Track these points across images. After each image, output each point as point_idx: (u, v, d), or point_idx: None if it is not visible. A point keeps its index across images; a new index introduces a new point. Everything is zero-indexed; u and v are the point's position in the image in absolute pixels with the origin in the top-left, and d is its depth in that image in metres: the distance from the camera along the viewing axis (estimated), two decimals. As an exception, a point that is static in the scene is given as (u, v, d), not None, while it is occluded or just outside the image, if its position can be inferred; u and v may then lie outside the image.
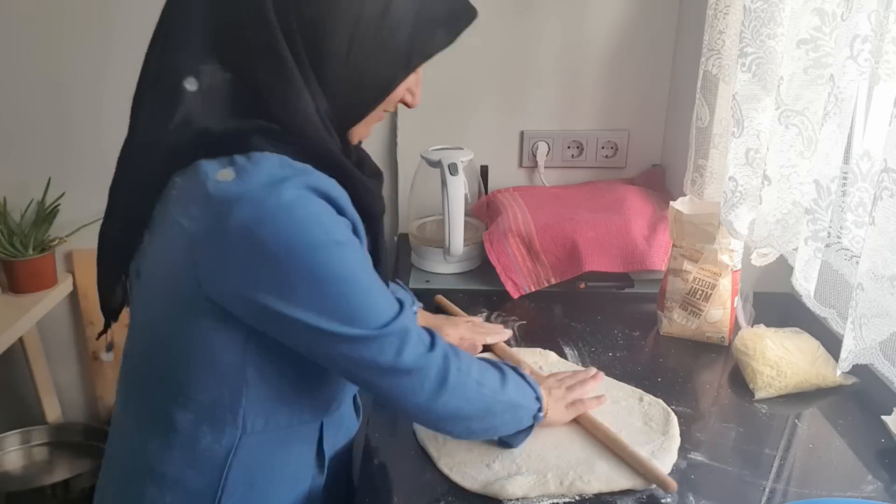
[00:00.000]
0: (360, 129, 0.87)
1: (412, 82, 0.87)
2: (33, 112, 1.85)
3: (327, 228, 0.76)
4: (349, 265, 0.77)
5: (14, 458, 2.01)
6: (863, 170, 0.95)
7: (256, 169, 0.75)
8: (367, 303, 0.79)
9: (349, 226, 0.80)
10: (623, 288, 1.52)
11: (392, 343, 0.80)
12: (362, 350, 0.79)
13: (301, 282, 0.75)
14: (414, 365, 0.82)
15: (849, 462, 1.00)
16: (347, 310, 0.78)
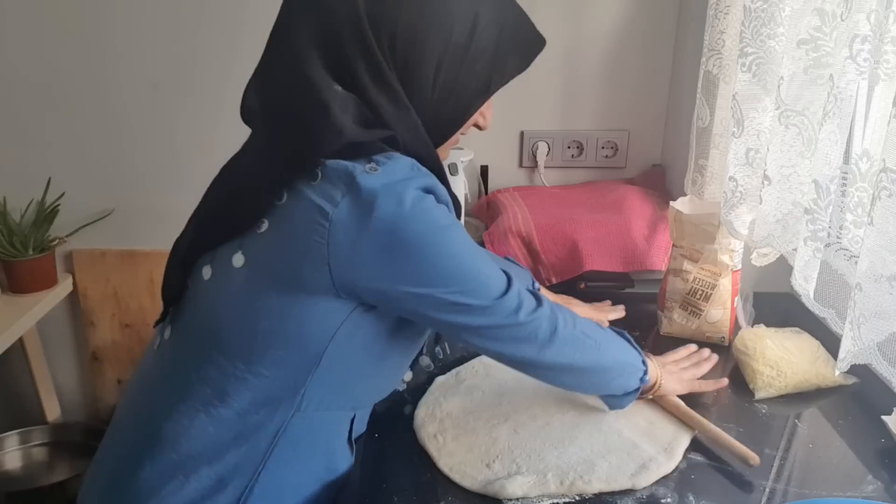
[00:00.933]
0: (442, 152, 0.95)
1: (485, 105, 0.95)
2: (33, 112, 1.85)
3: (446, 215, 0.85)
4: (466, 244, 0.86)
5: (14, 458, 2.01)
6: (862, 170, 0.95)
7: (396, 165, 0.82)
8: (485, 273, 0.87)
9: None
10: (623, 288, 1.52)
11: (509, 306, 0.88)
12: (482, 318, 0.87)
13: (434, 265, 0.83)
14: (526, 319, 0.89)
15: (849, 462, 1.00)
16: (471, 282, 0.85)
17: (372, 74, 0.83)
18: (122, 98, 1.83)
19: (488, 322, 0.88)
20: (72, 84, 1.82)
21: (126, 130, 1.86)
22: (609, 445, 1.01)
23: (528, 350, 0.91)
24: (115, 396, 2.12)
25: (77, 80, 1.82)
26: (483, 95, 0.91)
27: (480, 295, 0.86)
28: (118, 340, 2.06)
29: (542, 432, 1.03)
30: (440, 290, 0.84)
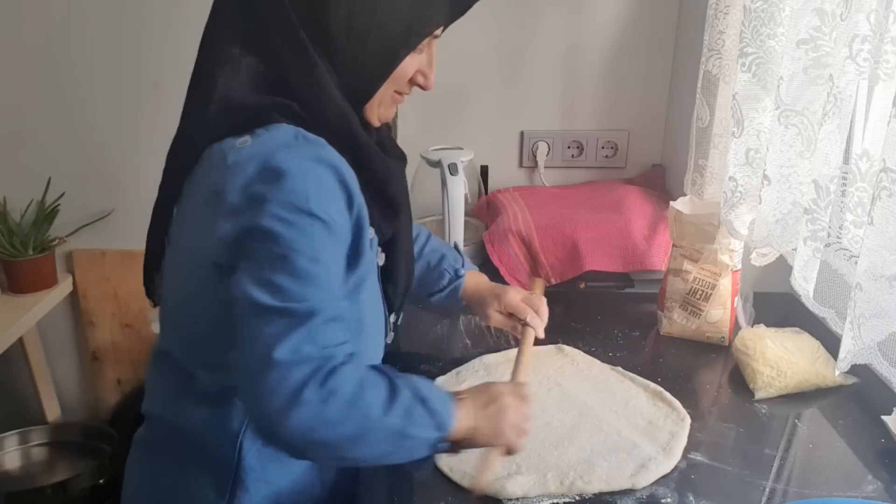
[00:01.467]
0: (376, 110, 0.90)
1: (424, 63, 0.90)
2: (33, 112, 1.85)
3: (318, 199, 0.78)
4: (299, 237, 0.77)
5: (14, 458, 2.01)
6: (862, 170, 0.95)
7: (271, 136, 0.80)
8: (279, 273, 0.77)
9: (346, 204, 0.83)
10: (623, 288, 1.52)
11: (282, 324, 0.76)
12: (253, 303, 0.76)
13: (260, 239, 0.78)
14: (285, 357, 0.74)
15: (849, 462, 1.00)
16: (256, 268, 0.77)
17: (277, 28, 0.82)
18: (122, 98, 1.83)
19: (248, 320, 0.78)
20: (72, 84, 1.82)
21: (126, 130, 1.86)
22: (609, 445, 1.01)
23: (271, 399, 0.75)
24: (115, 396, 2.12)
25: (77, 79, 1.82)
26: (405, 46, 0.86)
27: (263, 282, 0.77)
28: (118, 340, 2.06)
29: (542, 432, 1.03)
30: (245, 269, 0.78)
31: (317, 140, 0.82)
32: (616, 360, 1.25)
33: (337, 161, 0.82)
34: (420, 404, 0.82)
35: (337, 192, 0.81)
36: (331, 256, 0.80)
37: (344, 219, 0.82)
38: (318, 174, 0.79)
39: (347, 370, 0.78)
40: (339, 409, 0.76)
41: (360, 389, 0.78)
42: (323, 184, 0.80)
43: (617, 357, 1.26)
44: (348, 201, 0.83)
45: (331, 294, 0.79)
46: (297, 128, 0.82)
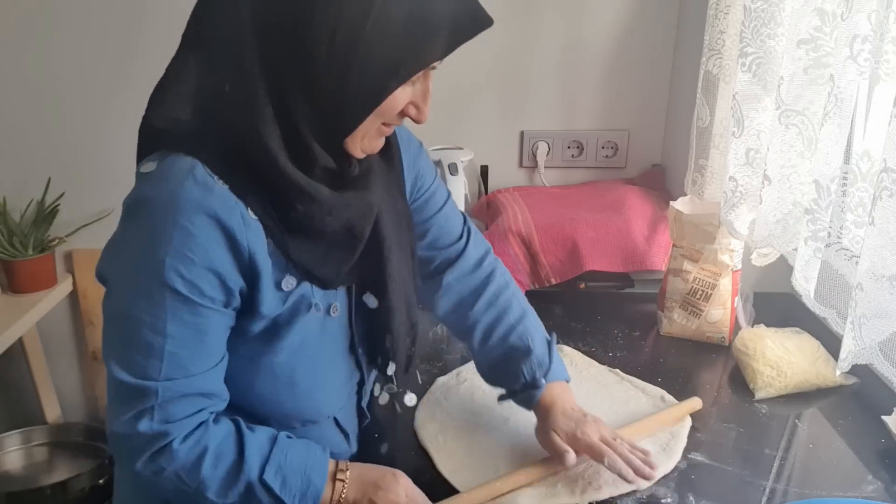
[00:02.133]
0: (359, 142, 0.81)
1: (417, 95, 0.81)
2: (33, 112, 1.85)
3: (176, 261, 0.73)
4: (147, 305, 0.75)
5: (14, 458, 2.00)
6: (862, 170, 0.95)
7: (167, 170, 0.75)
8: (126, 346, 0.77)
9: (230, 255, 0.76)
10: (623, 288, 1.52)
11: (119, 396, 0.78)
12: (108, 374, 0.78)
13: (114, 277, 0.78)
14: (119, 430, 0.78)
15: (849, 462, 1.00)
16: (112, 332, 0.78)
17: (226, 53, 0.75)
18: (122, 98, 1.83)
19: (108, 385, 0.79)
20: (72, 84, 1.82)
21: (126, 130, 1.85)
22: None
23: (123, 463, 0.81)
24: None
25: (77, 79, 1.82)
26: (395, 79, 0.75)
27: (112, 356, 0.77)
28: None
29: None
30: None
31: (206, 182, 0.74)
32: (616, 360, 1.25)
33: (223, 206, 0.74)
34: (264, 490, 0.80)
35: (213, 247, 0.75)
36: (187, 329, 0.76)
37: (217, 279, 0.76)
38: (185, 227, 0.73)
39: (182, 448, 0.78)
40: (169, 482, 0.79)
41: (194, 467, 0.78)
42: (192, 239, 0.73)
43: (617, 357, 1.26)
44: (234, 251, 0.76)
45: (183, 369, 0.77)
46: (194, 161, 0.75)
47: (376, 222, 0.87)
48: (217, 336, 0.80)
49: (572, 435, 0.94)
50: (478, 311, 1.04)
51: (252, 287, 0.79)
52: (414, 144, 1.01)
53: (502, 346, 1.02)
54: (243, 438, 0.81)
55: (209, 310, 0.77)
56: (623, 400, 1.12)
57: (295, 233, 0.80)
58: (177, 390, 0.77)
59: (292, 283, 0.82)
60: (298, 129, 0.76)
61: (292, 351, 0.85)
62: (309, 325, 0.85)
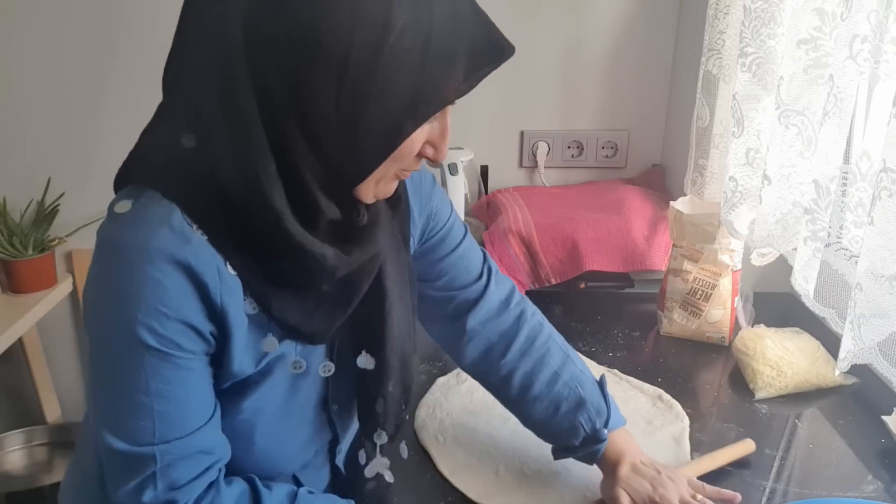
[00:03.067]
0: (373, 188, 0.73)
1: (434, 134, 0.73)
2: (33, 112, 1.85)
3: (149, 317, 0.67)
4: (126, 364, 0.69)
5: (14, 458, 2.01)
6: (862, 170, 0.95)
7: (145, 213, 0.68)
8: (114, 410, 0.71)
9: (202, 309, 0.69)
10: (623, 288, 1.52)
11: (115, 466, 0.71)
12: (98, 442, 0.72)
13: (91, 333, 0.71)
14: (121, 500, 0.71)
15: (849, 462, 1.00)
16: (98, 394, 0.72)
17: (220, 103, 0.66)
18: (122, 98, 1.83)
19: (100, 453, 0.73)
20: (72, 84, 1.82)
21: (126, 130, 1.85)
22: None
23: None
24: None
25: (77, 79, 1.82)
26: (412, 121, 0.68)
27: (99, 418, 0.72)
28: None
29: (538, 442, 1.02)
30: None
31: (183, 230, 0.67)
32: (616, 360, 1.25)
33: (199, 258, 0.68)
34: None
35: (186, 299, 0.68)
36: (172, 385, 0.70)
37: (192, 331, 0.70)
38: (157, 278, 0.66)
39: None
40: None
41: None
42: (163, 291, 0.66)
43: (617, 357, 1.26)
44: (206, 304, 0.69)
45: (177, 428, 0.71)
46: (173, 208, 0.68)
47: (378, 275, 0.79)
48: (204, 387, 0.73)
49: (649, 499, 0.87)
50: (512, 359, 0.94)
51: (222, 344, 0.72)
52: (427, 181, 0.92)
53: (548, 396, 0.93)
54: (260, 500, 0.75)
55: (190, 361, 0.71)
56: (622, 400, 1.12)
57: (282, 292, 0.73)
58: (176, 452, 0.71)
59: (274, 344, 0.74)
60: (303, 179, 0.68)
61: (256, 410, 0.77)
62: (279, 382, 0.78)
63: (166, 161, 0.69)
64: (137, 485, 0.70)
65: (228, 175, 0.67)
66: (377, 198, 0.75)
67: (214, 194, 0.68)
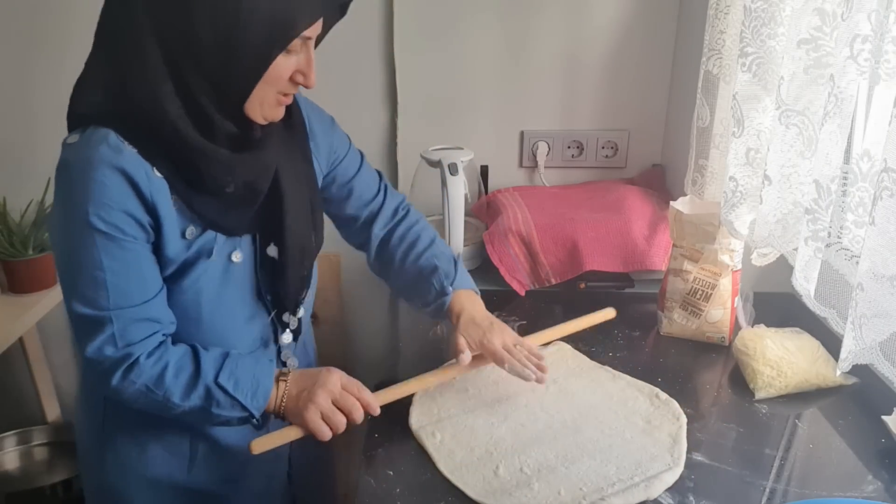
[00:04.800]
0: (259, 109, 0.93)
1: (301, 63, 0.93)
2: (33, 112, 1.85)
3: (97, 208, 0.88)
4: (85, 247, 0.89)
5: (14, 458, 2.01)
6: (863, 170, 0.95)
7: (86, 139, 0.90)
8: (77, 284, 0.92)
9: (139, 204, 0.90)
10: (623, 288, 1.52)
11: (82, 329, 0.94)
12: (70, 319, 0.95)
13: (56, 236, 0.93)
14: (91, 356, 0.93)
15: (849, 462, 1.00)
16: (64, 277, 0.94)
17: (124, 32, 0.88)
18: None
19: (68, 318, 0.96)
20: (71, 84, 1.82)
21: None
22: (615, 452, 1.00)
23: (94, 377, 0.98)
24: (114, 396, 2.12)
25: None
26: (273, 46, 0.88)
27: (65, 288, 0.94)
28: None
29: (546, 436, 1.03)
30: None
31: (117, 145, 0.89)
32: (616, 360, 1.25)
33: (130, 164, 0.89)
34: (220, 391, 0.95)
35: (124, 194, 0.89)
36: (120, 262, 0.91)
37: (132, 219, 0.90)
38: (100, 181, 0.87)
39: (147, 364, 0.94)
40: (141, 394, 0.95)
41: (159, 379, 0.94)
42: (106, 189, 0.88)
43: (617, 357, 1.26)
44: (140, 199, 0.90)
45: (128, 298, 0.92)
46: (108, 131, 0.89)
47: (276, 179, 1.00)
48: (148, 268, 0.94)
49: (479, 342, 1.10)
50: (393, 246, 1.22)
51: (157, 233, 0.93)
52: (326, 119, 1.17)
53: (414, 268, 1.20)
54: (198, 354, 0.97)
55: (133, 244, 0.91)
56: (621, 399, 1.12)
57: (200, 191, 0.94)
58: (128, 317, 0.92)
59: (196, 232, 0.96)
60: (198, 101, 0.89)
61: (197, 290, 0.99)
62: (212, 269, 0.99)
63: (99, 98, 0.90)
64: (101, 343, 0.92)
65: (138, 97, 0.88)
66: (267, 119, 0.96)
67: (136, 120, 0.89)
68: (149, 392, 0.95)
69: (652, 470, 0.96)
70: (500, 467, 0.98)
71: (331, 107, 1.15)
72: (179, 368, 0.96)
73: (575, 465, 0.97)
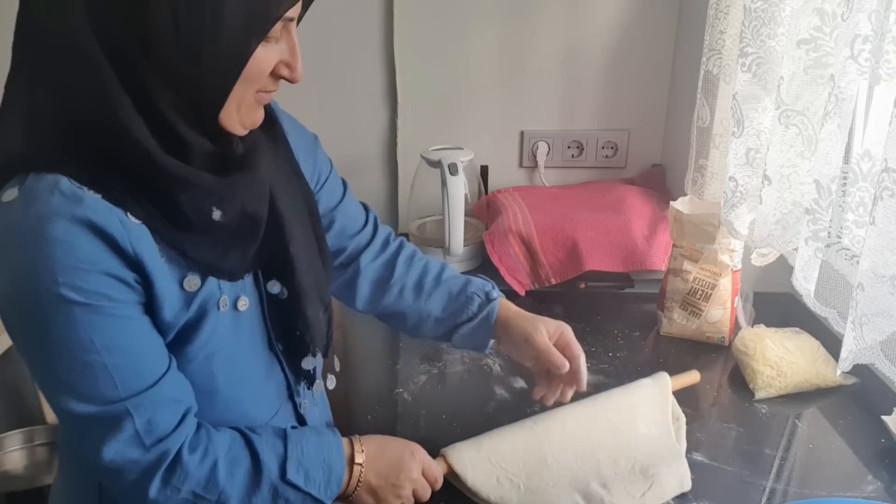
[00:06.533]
0: (236, 116, 0.75)
1: (285, 52, 0.75)
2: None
3: (68, 275, 0.67)
4: (64, 329, 0.69)
5: (15, 457, 2.00)
6: (863, 169, 0.95)
7: (31, 192, 0.67)
8: (65, 377, 0.71)
9: (120, 262, 0.69)
10: (623, 288, 1.52)
11: (90, 432, 0.72)
12: (62, 419, 0.74)
13: (18, 324, 0.71)
14: (113, 464, 0.72)
15: (849, 462, 1.00)
16: (46, 375, 0.72)
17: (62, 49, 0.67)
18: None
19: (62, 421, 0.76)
20: None
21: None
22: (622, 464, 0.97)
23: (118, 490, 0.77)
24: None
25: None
26: (252, 34, 0.70)
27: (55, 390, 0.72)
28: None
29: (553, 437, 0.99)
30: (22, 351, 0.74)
31: (74, 193, 0.67)
32: (616, 360, 1.25)
33: (97, 213, 0.67)
34: (290, 489, 0.78)
35: (97, 252, 0.68)
36: (116, 336, 0.71)
37: (115, 280, 0.70)
38: (63, 240, 0.66)
39: (191, 462, 0.74)
40: (190, 499, 0.74)
41: (210, 480, 0.75)
42: (73, 249, 0.66)
43: (617, 357, 1.26)
44: (119, 255, 0.69)
45: (141, 379, 0.72)
46: (56, 176, 0.67)
47: (272, 200, 0.82)
48: (150, 334, 0.74)
49: (556, 331, 0.97)
50: (399, 276, 1.04)
51: (148, 292, 0.72)
52: (310, 137, 0.99)
53: (439, 288, 1.03)
54: (251, 440, 0.78)
55: (124, 308, 0.71)
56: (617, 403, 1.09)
57: (188, 231, 0.74)
58: (149, 403, 0.72)
59: (196, 283, 0.75)
60: (164, 115, 0.69)
61: (207, 356, 0.78)
62: (219, 324, 0.79)
63: (34, 132, 0.69)
64: (122, 445, 0.71)
65: (89, 121, 0.68)
66: (246, 127, 0.77)
67: (88, 149, 0.68)
68: (196, 500, 0.75)
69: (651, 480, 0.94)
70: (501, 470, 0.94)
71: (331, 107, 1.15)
72: (233, 463, 0.77)
73: (576, 468, 0.95)
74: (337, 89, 1.76)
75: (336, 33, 1.73)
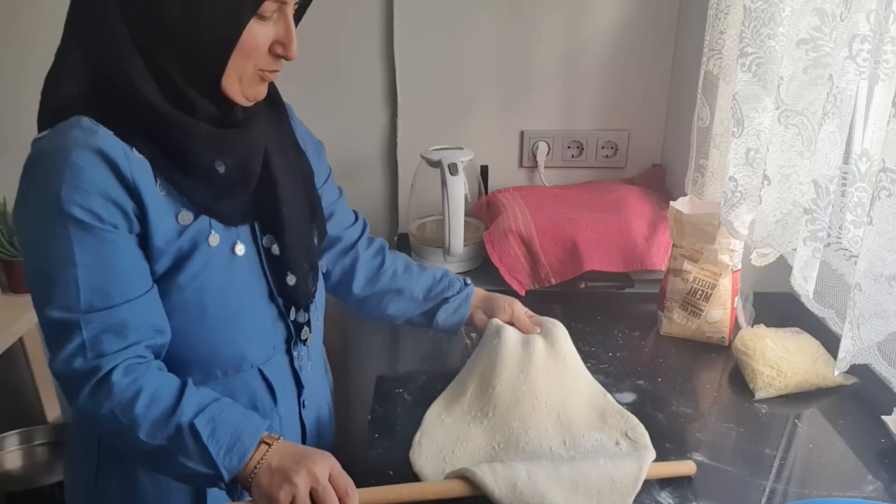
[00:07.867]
0: (238, 87, 0.86)
1: (280, 33, 0.85)
2: (32, 112, 1.85)
3: (71, 193, 0.79)
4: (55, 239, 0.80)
5: (14, 457, 2.01)
6: (861, 170, 0.95)
7: (58, 129, 0.82)
8: (49, 285, 0.81)
9: (122, 191, 0.81)
10: (623, 288, 1.52)
11: (51, 338, 0.82)
12: (41, 326, 0.83)
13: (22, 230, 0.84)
14: (58, 370, 0.81)
15: (849, 462, 1.00)
16: (32, 278, 0.83)
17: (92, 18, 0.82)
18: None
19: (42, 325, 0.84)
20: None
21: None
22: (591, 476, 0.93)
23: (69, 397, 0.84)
24: (115, 396, 2.12)
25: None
26: (244, 11, 0.81)
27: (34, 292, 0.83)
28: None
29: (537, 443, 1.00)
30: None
31: (91, 127, 0.81)
32: (616, 360, 1.25)
33: (106, 143, 0.80)
34: (191, 436, 0.81)
35: (101, 176, 0.80)
36: (95, 255, 0.80)
37: (112, 205, 0.81)
38: (75, 163, 0.79)
39: (119, 383, 0.81)
40: (107, 421, 0.82)
41: (129, 405, 0.81)
42: (81, 172, 0.79)
43: (617, 357, 1.26)
44: (120, 179, 0.81)
45: (103, 297, 0.81)
46: (80, 117, 0.81)
47: (267, 162, 0.93)
48: (131, 263, 0.83)
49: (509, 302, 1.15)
50: (389, 262, 1.19)
51: (142, 220, 0.83)
52: (318, 143, 1.12)
53: (424, 273, 1.19)
54: (185, 389, 0.84)
55: (112, 234, 0.81)
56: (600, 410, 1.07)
57: (187, 173, 0.85)
58: (100, 323, 0.81)
59: (189, 218, 0.86)
60: (171, 77, 0.82)
61: (198, 286, 0.88)
62: (213, 261, 0.89)
63: (76, 88, 0.83)
64: (69, 354, 0.80)
65: (109, 76, 0.81)
66: (249, 98, 0.88)
67: (109, 100, 0.82)
68: (115, 419, 0.81)
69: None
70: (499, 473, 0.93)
71: (331, 107, 1.16)
72: (155, 398, 0.82)
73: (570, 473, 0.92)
74: (337, 89, 1.76)
75: (336, 33, 1.73)
